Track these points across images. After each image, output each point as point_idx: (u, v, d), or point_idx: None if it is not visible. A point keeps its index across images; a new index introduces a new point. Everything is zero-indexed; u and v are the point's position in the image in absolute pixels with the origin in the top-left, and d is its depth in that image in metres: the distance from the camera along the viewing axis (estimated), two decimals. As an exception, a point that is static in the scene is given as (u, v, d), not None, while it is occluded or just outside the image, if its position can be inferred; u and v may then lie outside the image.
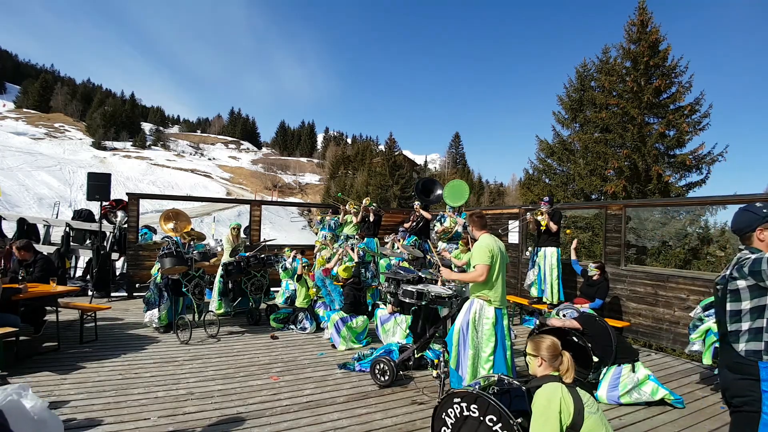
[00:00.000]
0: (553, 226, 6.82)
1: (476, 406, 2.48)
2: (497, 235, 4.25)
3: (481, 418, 2.43)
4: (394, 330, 5.61)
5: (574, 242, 7.04)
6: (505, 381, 2.70)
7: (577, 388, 2.34)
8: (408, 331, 5.44)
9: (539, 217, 6.91)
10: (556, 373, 2.45)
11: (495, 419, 2.39)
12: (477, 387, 2.63)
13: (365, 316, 5.91)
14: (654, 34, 17.15)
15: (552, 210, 6.94)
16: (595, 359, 4.22)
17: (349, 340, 5.64)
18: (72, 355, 4.96)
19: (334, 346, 5.67)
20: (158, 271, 6.10)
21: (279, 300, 8.41)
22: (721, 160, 16.39)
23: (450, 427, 2.63)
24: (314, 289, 6.82)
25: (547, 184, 20.66)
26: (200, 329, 6.10)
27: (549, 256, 6.91)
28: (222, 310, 7.24)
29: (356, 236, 8.45)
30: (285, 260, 8.41)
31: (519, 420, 2.33)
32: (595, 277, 6.12)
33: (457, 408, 2.59)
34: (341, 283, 6.30)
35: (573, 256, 6.77)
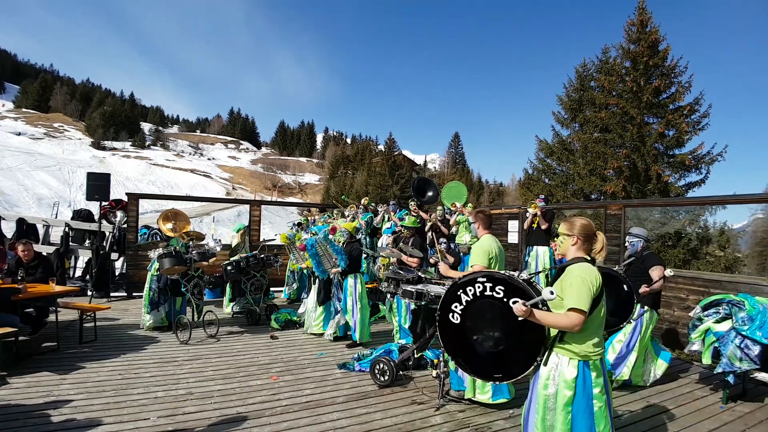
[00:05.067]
0: (545, 223, 6.83)
1: (502, 288, 2.45)
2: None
3: (505, 300, 2.42)
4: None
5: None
6: (531, 278, 2.66)
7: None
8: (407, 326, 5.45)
9: (531, 209, 6.91)
10: (588, 257, 2.46)
11: (521, 302, 2.34)
12: (506, 275, 2.57)
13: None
14: (653, 34, 17.16)
15: (545, 209, 6.94)
16: None
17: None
18: (71, 355, 4.96)
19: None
20: (157, 270, 6.09)
21: (287, 290, 8.56)
22: (721, 160, 16.45)
23: (464, 303, 2.59)
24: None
25: (547, 184, 20.67)
26: (200, 329, 6.09)
27: (542, 254, 6.89)
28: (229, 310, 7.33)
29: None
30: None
31: (545, 308, 2.33)
32: None
33: (479, 287, 2.53)
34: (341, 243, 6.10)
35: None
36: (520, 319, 2.26)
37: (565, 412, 2.26)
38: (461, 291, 2.61)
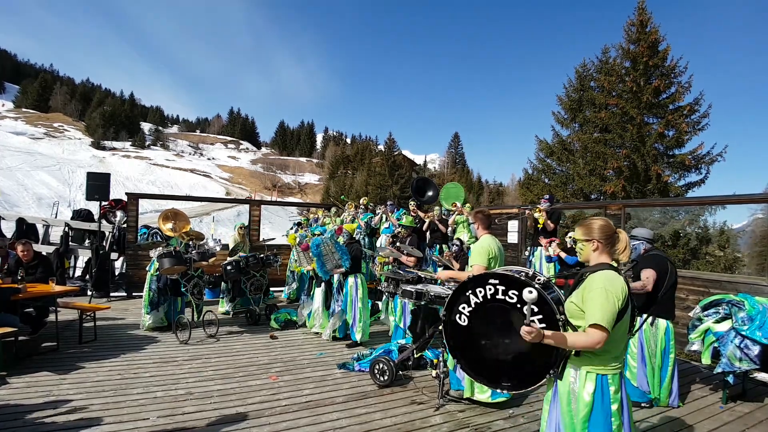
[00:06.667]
0: (551, 225, 6.76)
1: (515, 293, 2.25)
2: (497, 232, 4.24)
3: (518, 306, 2.25)
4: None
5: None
6: (550, 280, 2.46)
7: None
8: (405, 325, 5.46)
9: (537, 215, 6.88)
10: (614, 264, 2.24)
11: (536, 310, 2.20)
12: (522, 275, 2.42)
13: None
14: (653, 34, 17.17)
15: (551, 209, 6.91)
16: None
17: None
18: (71, 355, 4.96)
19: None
20: (157, 270, 6.08)
21: (286, 290, 8.58)
22: (721, 160, 16.46)
23: (473, 305, 2.42)
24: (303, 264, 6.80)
25: (547, 184, 20.68)
26: (199, 329, 6.09)
27: (545, 255, 6.87)
28: (223, 309, 7.32)
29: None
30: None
31: (563, 316, 2.19)
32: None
33: (489, 289, 2.34)
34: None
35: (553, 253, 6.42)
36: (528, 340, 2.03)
37: (582, 429, 2.14)
38: (470, 292, 2.44)
